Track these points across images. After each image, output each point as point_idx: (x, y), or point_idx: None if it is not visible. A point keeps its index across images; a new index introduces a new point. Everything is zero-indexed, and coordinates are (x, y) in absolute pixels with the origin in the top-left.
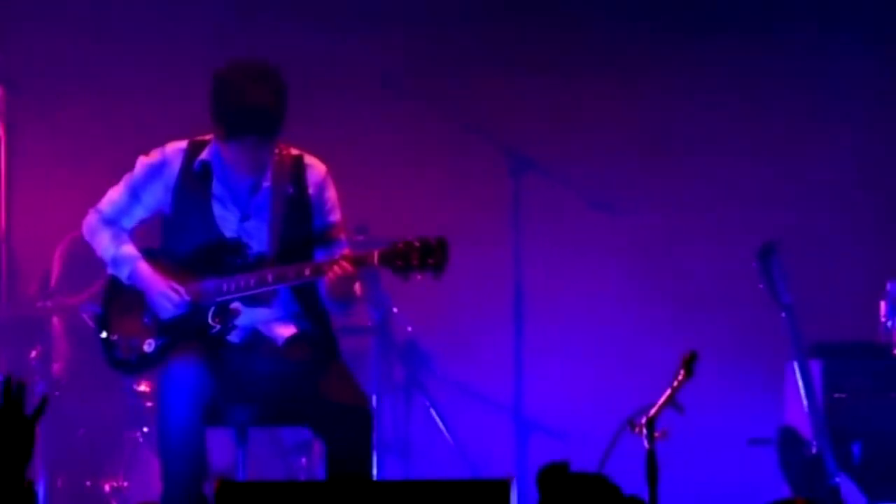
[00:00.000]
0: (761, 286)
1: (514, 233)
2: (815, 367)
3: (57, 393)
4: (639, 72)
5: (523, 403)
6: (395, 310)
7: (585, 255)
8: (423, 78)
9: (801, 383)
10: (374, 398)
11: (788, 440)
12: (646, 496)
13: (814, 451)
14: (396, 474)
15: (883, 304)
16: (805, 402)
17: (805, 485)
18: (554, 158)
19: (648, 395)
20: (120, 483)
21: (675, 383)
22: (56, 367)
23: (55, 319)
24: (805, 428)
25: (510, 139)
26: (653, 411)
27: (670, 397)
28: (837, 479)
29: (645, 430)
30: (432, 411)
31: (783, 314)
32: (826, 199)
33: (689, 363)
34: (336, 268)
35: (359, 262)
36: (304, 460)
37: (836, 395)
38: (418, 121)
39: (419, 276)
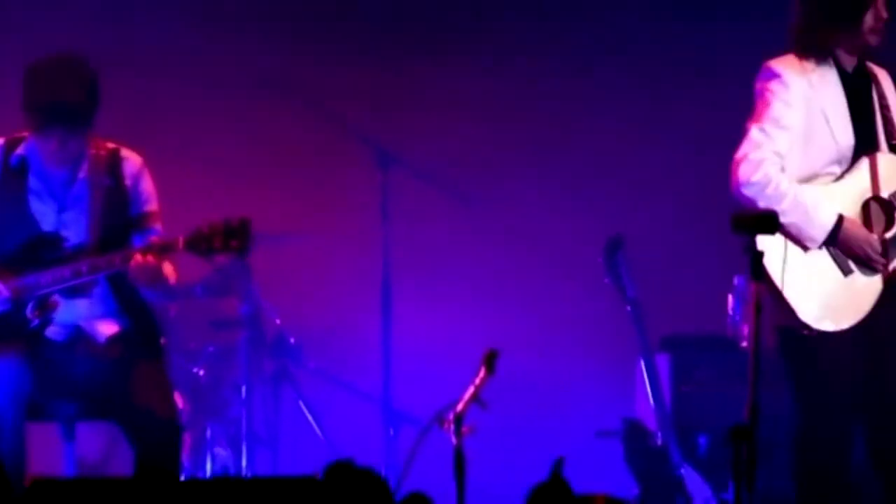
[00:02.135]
0: (607, 281)
1: (383, 225)
2: (663, 360)
3: None
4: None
5: (392, 395)
6: (264, 303)
7: (453, 248)
8: (288, 72)
9: (645, 376)
10: (243, 390)
11: (633, 432)
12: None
13: (659, 442)
14: (266, 467)
15: (730, 298)
16: (650, 394)
17: (650, 476)
18: (421, 152)
19: (514, 384)
20: None
21: (478, 381)
22: None
23: None
24: (652, 420)
25: (377, 133)
26: (459, 407)
27: (474, 394)
28: (682, 471)
29: (453, 426)
30: (301, 404)
31: (629, 308)
32: (672, 193)
33: (490, 361)
34: (138, 255)
35: (165, 248)
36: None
37: (684, 388)
38: (284, 115)
39: (222, 258)
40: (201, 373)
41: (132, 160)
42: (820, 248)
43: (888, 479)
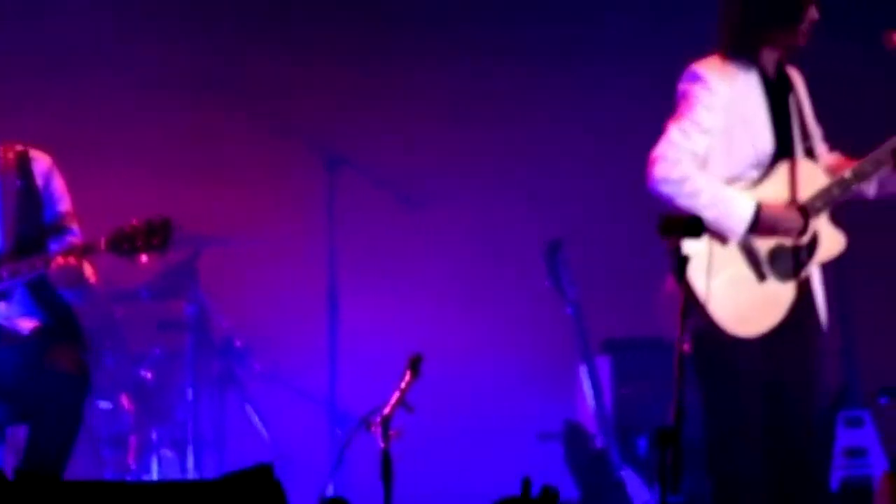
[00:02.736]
0: (547, 283)
1: (328, 227)
2: (604, 362)
3: None
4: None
5: (337, 396)
6: (210, 305)
7: (398, 250)
8: (234, 72)
9: (585, 378)
10: (190, 392)
11: (574, 434)
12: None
13: (599, 445)
14: (212, 470)
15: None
16: (590, 397)
17: (590, 478)
18: (367, 153)
19: (457, 386)
20: None
21: (403, 384)
22: None
23: None
24: (593, 422)
25: (324, 134)
26: (386, 411)
27: (400, 398)
28: (623, 473)
29: (380, 430)
30: (247, 406)
31: (569, 310)
32: (612, 195)
33: (415, 364)
34: (60, 257)
35: (86, 249)
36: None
37: (624, 390)
38: (232, 117)
39: (145, 257)
40: (148, 375)
41: (42, 160)
42: (740, 241)
43: (777, 481)
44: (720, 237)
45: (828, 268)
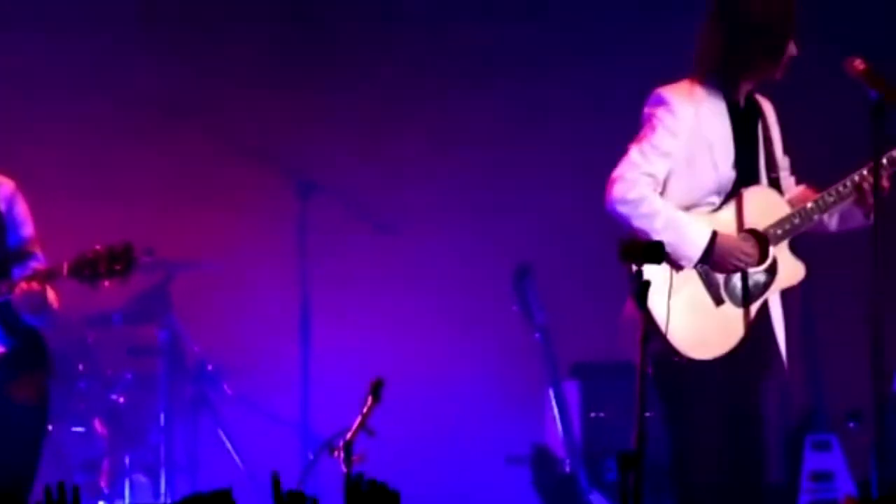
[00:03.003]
0: (515, 308)
1: (301, 251)
2: (572, 387)
3: None
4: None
5: (309, 420)
6: (183, 330)
7: (370, 275)
8: (207, 98)
9: (553, 402)
10: (162, 417)
11: (542, 458)
12: None
13: (567, 469)
14: (185, 494)
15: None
16: (558, 420)
17: (558, 503)
18: (338, 177)
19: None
20: None
21: (365, 409)
22: None
23: None
24: (561, 446)
25: (296, 158)
26: (348, 436)
27: (362, 423)
28: (591, 497)
29: (342, 454)
30: (220, 430)
31: (537, 335)
32: (580, 220)
33: (376, 389)
34: (23, 283)
35: (50, 275)
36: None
37: (593, 415)
38: (204, 142)
39: (107, 283)
40: (120, 400)
41: (5, 185)
42: (696, 267)
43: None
44: (677, 262)
45: (794, 294)
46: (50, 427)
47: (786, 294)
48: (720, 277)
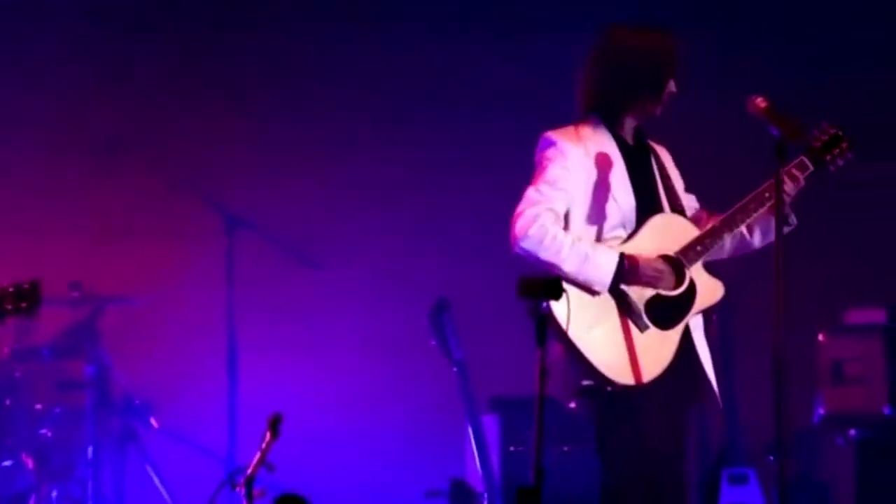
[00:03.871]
0: (433, 343)
1: (228, 285)
2: (492, 420)
3: None
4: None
5: (237, 453)
6: (111, 364)
7: (296, 309)
8: (137, 133)
9: (471, 437)
10: (90, 451)
11: (460, 493)
12: None
13: (485, 503)
14: None
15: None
16: (476, 454)
17: None
18: (264, 212)
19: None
20: None
21: (264, 445)
22: None
23: None
24: (480, 481)
25: (222, 192)
26: (249, 471)
27: (261, 458)
28: None
29: (244, 490)
30: (147, 466)
31: (455, 369)
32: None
33: (275, 425)
34: None
35: None
36: None
37: (512, 448)
38: (133, 176)
39: (12, 320)
40: (48, 434)
41: None
42: (614, 293)
43: None
44: (591, 290)
45: (711, 326)
46: None
47: (704, 325)
48: (640, 304)
